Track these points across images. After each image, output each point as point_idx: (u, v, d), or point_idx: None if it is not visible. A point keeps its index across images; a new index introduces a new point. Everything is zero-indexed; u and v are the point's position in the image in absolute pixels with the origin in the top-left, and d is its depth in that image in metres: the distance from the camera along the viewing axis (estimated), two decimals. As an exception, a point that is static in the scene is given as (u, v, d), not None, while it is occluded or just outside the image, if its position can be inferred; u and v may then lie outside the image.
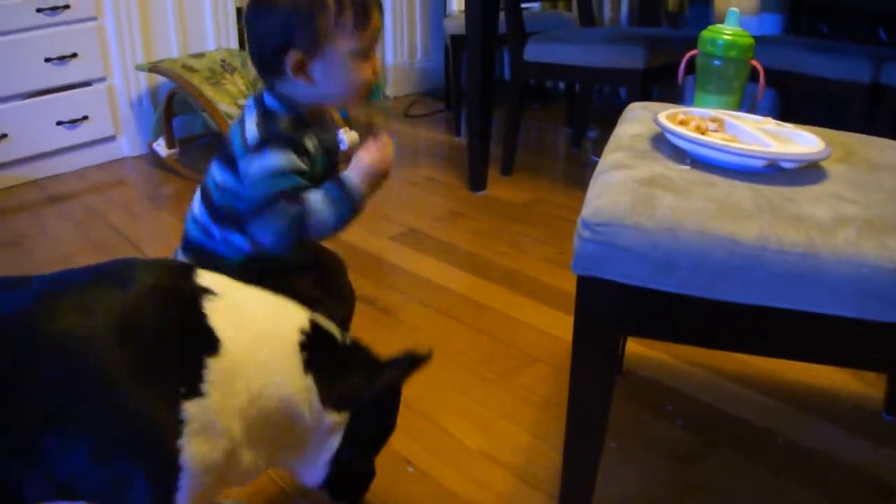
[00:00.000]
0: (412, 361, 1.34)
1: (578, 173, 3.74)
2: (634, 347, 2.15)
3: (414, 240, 2.95)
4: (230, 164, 1.47)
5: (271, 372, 1.19)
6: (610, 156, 1.38)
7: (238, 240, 1.51)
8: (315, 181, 1.47)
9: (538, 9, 4.62)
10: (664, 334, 1.27)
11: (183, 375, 1.09)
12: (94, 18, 3.95)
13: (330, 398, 1.27)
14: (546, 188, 3.48)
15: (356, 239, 2.88)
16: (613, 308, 1.20)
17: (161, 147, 3.87)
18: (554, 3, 4.76)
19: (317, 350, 1.26)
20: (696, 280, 1.12)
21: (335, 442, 1.31)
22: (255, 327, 1.20)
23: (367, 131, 3.80)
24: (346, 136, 3.70)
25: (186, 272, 1.22)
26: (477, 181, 3.42)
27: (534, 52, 3.38)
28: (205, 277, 1.22)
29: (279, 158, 1.41)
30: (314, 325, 1.29)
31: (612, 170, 1.28)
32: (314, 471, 1.35)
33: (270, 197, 1.40)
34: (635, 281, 1.15)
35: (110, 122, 4.07)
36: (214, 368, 1.11)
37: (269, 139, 1.43)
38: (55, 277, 1.19)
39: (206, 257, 1.54)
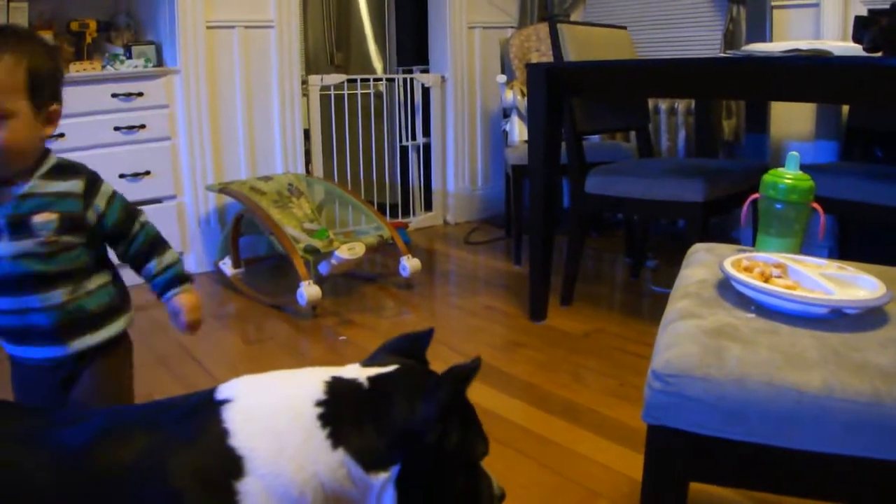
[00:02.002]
0: (459, 373, 1.18)
1: (638, 303, 3.74)
2: (698, 484, 2.13)
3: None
4: None
5: (298, 469, 1.11)
6: (677, 303, 1.40)
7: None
8: None
9: (598, 140, 4.70)
10: (733, 481, 1.28)
11: None
12: (168, 139, 4.12)
13: (372, 458, 1.14)
14: (606, 318, 3.49)
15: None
16: (683, 456, 1.22)
17: (227, 266, 3.97)
18: (612, 135, 4.84)
19: (341, 414, 1.16)
20: (765, 429, 1.14)
21: (389, 497, 1.16)
22: (273, 425, 1.13)
23: (427, 258, 3.87)
24: (409, 263, 3.76)
25: (211, 390, 1.21)
26: (537, 311, 3.44)
27: (595, 184, 3.42)
28: (223, 389, 1.20)
29: None
30: (332, 387, 1.19)
31: (680, 319, 1.31)
32: None
33: None
34: (705, 430, 1.17)
35: (179, 239, 4.20)
36: (245, 491, 1.08)
37: None
38: (118, 412, 1.25)
39: None
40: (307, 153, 4.63)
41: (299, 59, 4.55)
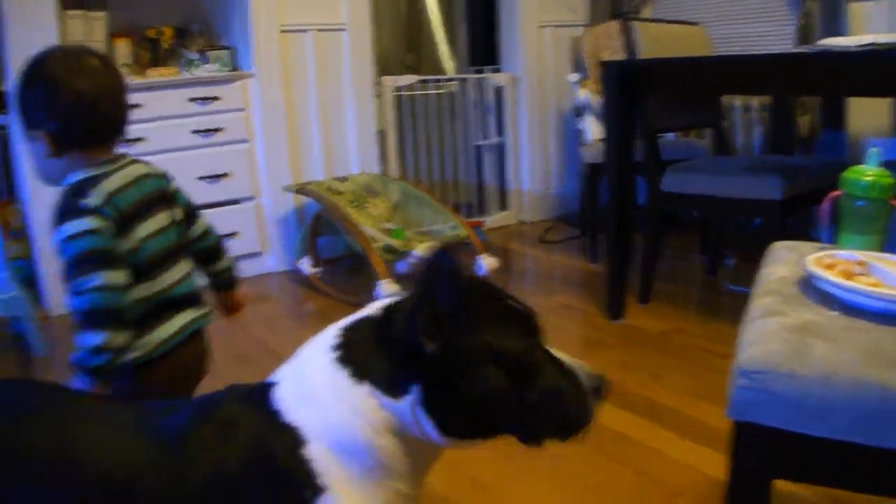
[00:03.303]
0: (437, 268, 1.11)
1: (715, 302, 3.72)
2: (780, 484, 2.12)
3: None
4: None
5: (337, 415, 1.15)
6: (760, 300, 1.41)
7: None
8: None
9: (672, 138, 4.67)
10: (819, 479, 1.27)
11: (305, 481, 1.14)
12: (245, 141, 4.20)
13: (392, 382, 1.14)
14: (683, 317, 3.47)
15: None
16: (769, 452, 1.22)
17: (306, 265, 4.03)
18: (686, 133, 4.81)
19: (355, 352, 1.17)
20: (850, 426, 1.14)
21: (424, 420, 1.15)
22: (308, 388, 1.18)
23: (503, 256, 3.88)
24: (485, 262, 3.78)
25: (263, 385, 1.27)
26: (615, 309, 3.43)
27: (671, 182, 3.40)
28: (275, 373, 1.26)
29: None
30: (345, 330, 1.21)
31: (764, 316, 1.31)
32: None
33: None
34: (790, 427, 1.17)
35: (257, 239, 4.28)
36: (313, 457, 1.13)
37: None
38: (205, 400, 1.31)
39: None
40: (382, 154, 4.68)
41: (372, 61, 4.60)
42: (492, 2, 5.37)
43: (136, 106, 3.89)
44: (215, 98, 4.12)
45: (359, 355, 1.16)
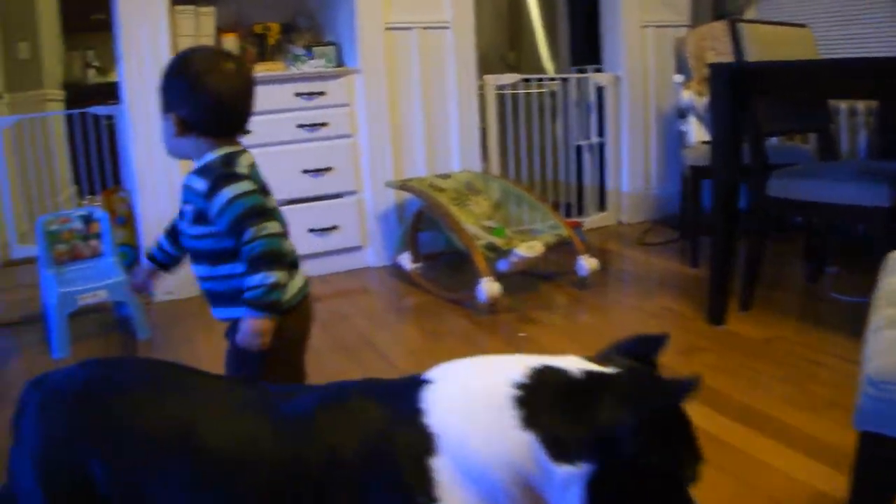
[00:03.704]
0: (676, 387, 1.16)
1: (818, 310, 3.65)
2: None
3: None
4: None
5: (486, 446, 1.15)
6: (884, 311, 1.39)
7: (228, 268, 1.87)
8: None
9: (776, 142, 4.60)
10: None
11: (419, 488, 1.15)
12: (349, 136, 4.27)
13: (560, 448, 1.14)
14: (785, 325, 3.40)
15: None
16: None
17: (406, 261, 4.07)
18: (790, 136, 4.74)
19: (538, 400, 1.16)
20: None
21: (575, 496, 1.14)
22: (464, 405, 1.19)
23: (602, 257, 3.87)
24: (587, 263, 3.77)
25: (417, 375, 1.29)
26: (716, 315, 3.39)
27: (777, 186, 3.35)
28: (429, 372, 1.27)
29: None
30: (536, 373, 1.20)
31: (889, 326, 1.30)
32: None
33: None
34: (920, 440, 1.16)
35: (358, 234, 4.35)
36: (440, 468, 1.14)
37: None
38: (332, 388, 1.35)
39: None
40: (482, 152, 4.70)
41: (475, 60, 4.62)
42: (594, 1, 5.35)
43: (244, 99, 3.97)
44: (321, 93, 4.18)
45: (540, 405, 1.16)
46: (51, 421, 1.36)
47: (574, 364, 1.23)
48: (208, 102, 1.84)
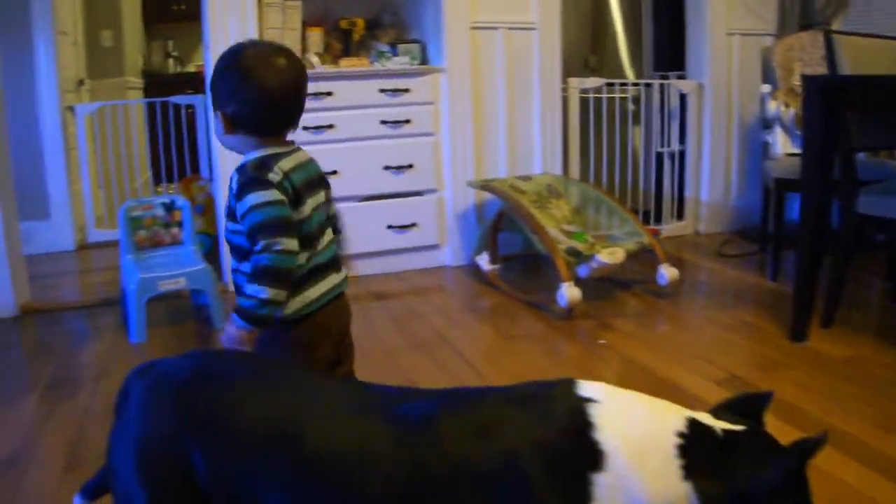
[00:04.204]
0: (808, 445, 1.20)
1: (899, 330, 3.58)
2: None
3: (736, 386, 2.86)
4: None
5: (652, 483, 1.17)
6: None
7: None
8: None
9: (863, 157, 4.51)
10: None
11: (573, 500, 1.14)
12: (431, 134, 4.27)
13: (708, 501, 1.18)
14: (867, 344, 3.32)
15: (677, 378, 2.87)
16: None
17: (484, 261, 4.06)
18: (876, 152, 4.64)
19: (696, 452, 1.20)
20: None
21: None
22: (637, 435, 1.20)
23: (678, 267, 3.82)
24: (667, 272, 3.73)
25: (569, 384, 1.27)
26: (798, 331, 3.32)
27: (868, 203, 3.29)
28: (585, 387, 1.26)
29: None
30: (692, 425, 1.24)
31: None
32: None
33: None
34: None
35: (436, 232, 4.35)
36: (600, 484, 1.14)
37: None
38: (457, 393, 1.32)
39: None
40: (563, 155, 4.67)
41: (560, 62, 4.59)
42: (679, 6, 5.29)
43: (327, 94, 4.01)
44: (405, 90, 4.19)
45: (697, 458, 1.19)
46: (156, 409, 1.35)
47: (710, 420, 1.26)
48: (253, 100, 1.83)
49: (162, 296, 3.49)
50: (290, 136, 1.93)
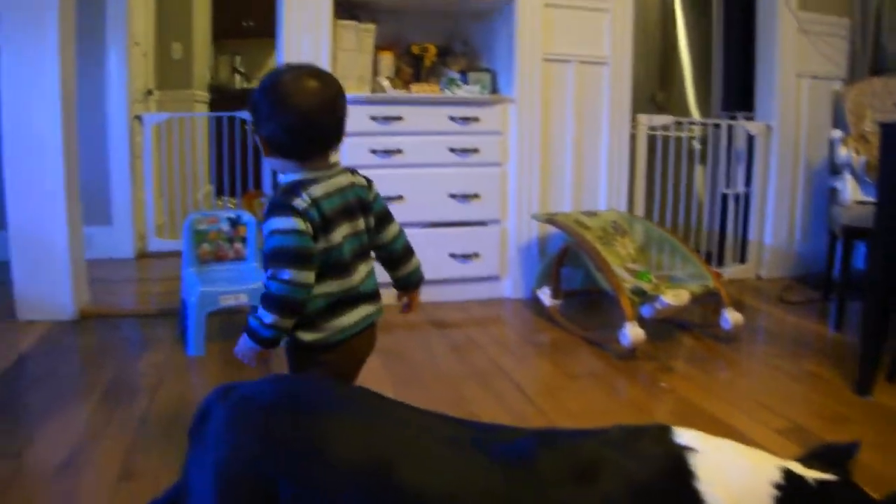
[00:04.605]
0: None
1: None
2: None
3: (800, 438, 2.81)
4: None
5: None
6: None
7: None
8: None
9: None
10: None
11: None
12: (498, 164, 4.27)
13: None
14: (936, 401, 3.28)
15: (740, 425, 2.82)
16: None
17: (546, 295, 4.03)
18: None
19: (791, 501, 1.19)
20: None
21: None
22: (737, 486, 1.18)
23: (740, 311, 3.77)
24: (731, 317, 3.68)
25: (665, 430, 1.26)
26: (864, 384, 3.25)
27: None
28: (682, 435, 1.24)
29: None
30: (787, 475, 1.22)
31: None
32: None
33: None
34: None
35: (498, 263, 4.34)
36: None
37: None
38: (553, 433, 1.31)
39: None
40: (629, 191, 4.64)
41: (630, 98, 4.57)
42: (750, 46, 5.25)
43: (397, 118, 4.01)
44: (475, 119, 4.18)
45: None
46: (240, 434, 1.34)
47: (802, 470, 1.24)
48: (286, 124, 1.86)
49: (221, 310, 3.49)
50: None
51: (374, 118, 4.05)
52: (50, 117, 3.76)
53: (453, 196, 4.18)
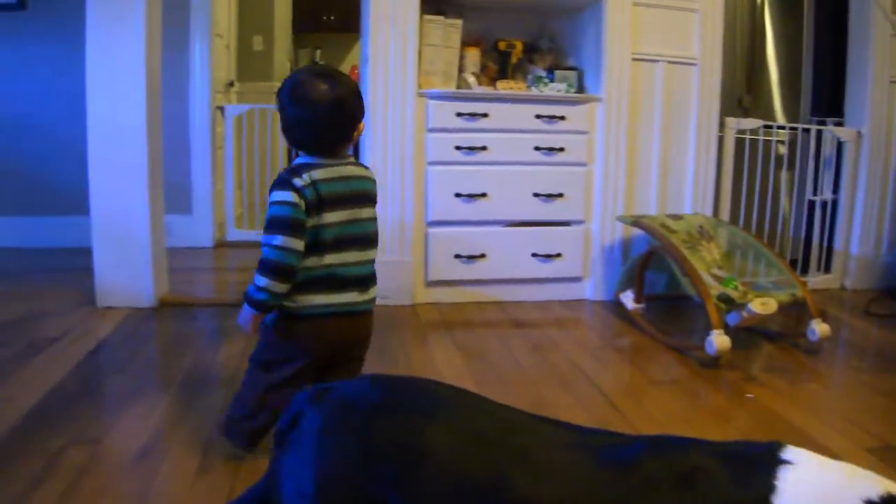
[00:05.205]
0: None
1: None
2: None
3: (891, 457, 2.72)
4: None
5: None
6: None
7: None
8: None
9: None
10: None
11: None
12: (584, 164, 4.22)
13: None
14: None
15: (827, 441, 2.73)
16: None
17: (628, 299, 3.98)
18: None
19: None
20: None
21: None
22: (818, 500, 1.13)
23: (825, 320, 3.68)
24: (818, 328, 3.60)
25: (776, 446, 1.21)
26: (960, 403, 3.18)
27: None
28: (789, 451, 1.20)
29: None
30: (885, 492, 1.14)
31: None
32: None
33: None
34: None
35: (580, 264, 4.29)
36: None
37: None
38: (662, 440, 1.27)
39: None
40: (715, 195, 4.56)
41: (719, 100, 4.48)
42: (842, 51, 5.13)
43: (483, 115, 3.98)
44: (561, 118, 4.14)
45: None
46: (341, 440, 1.27)
47: None
48: (295, 122, 2.09)
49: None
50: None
51: (459, 114, 4.03)
52: (135, 107, 3.80)
53: (537, 195, 4.14)
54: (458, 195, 4.07)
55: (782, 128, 4.90)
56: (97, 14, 3.72)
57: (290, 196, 2.02)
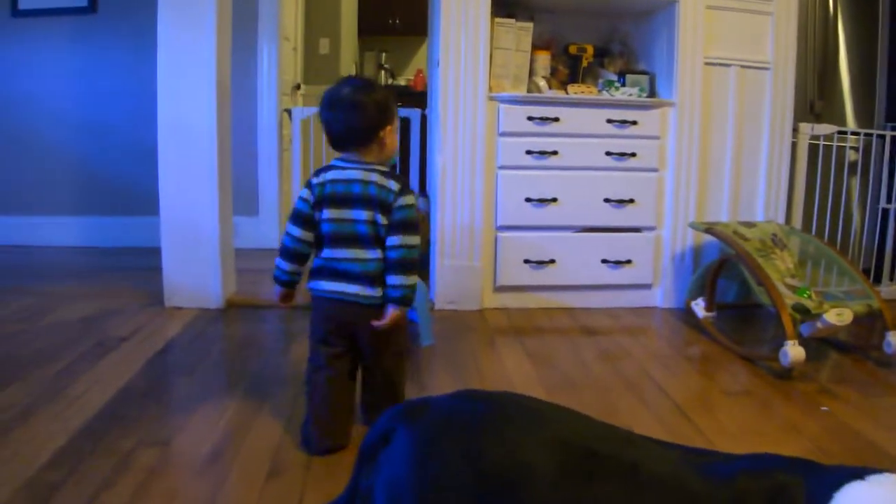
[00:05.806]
0: None
1: None
2: None
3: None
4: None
5: None
6: None
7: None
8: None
9: None
10: None
11: None
12: (655, 170, 4.18)
13: None
14: None
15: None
16: None
17: (700, 307, 3.93)
18: None
19: None
20: None
21: None
22: None
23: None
24: (894, 340, 3.52)
25: (858, 470, 1.21)
26: None
27: None
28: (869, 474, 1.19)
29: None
30: None
31: None
32: None
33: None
34: None
35: (651, 271, 4.25)
36: None
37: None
38: (760, 457, 1.29)
39: None
40: (787, 203, 4.49)
41: (792, 105, 4.42)
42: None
43: (554, 119, 3.96)
44: (633, 122, 4.11)
45: None
46: (446, 459, 1.23)
47: None
48: (322, 121, 2.35)
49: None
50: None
51: (530, 118, 4.02)
52: (205, 108, 3.84)
53: (608, 200, 4.11)
54: (528, 200, 4.06)
55: (856, 134, 4.82)
56: (169, 17, 3.76)
57: (304, 192, 2.36)
